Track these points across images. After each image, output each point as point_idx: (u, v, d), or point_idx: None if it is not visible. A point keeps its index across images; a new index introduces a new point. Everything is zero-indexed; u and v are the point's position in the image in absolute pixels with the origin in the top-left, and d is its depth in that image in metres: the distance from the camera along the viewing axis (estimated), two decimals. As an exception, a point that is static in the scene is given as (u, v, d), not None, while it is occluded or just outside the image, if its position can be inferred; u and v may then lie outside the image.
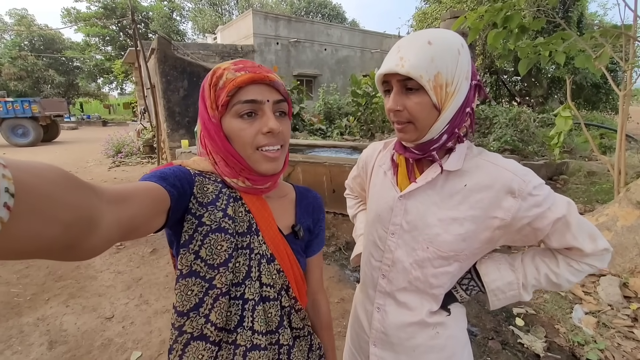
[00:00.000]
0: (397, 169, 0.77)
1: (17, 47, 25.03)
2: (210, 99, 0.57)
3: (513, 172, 0.64)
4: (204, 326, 0.57)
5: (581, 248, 0.64)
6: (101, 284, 2.69)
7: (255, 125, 0.58)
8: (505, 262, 0.73)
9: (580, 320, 2.15)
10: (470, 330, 2.13)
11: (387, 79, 0.65)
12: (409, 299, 0.75)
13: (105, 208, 0.36)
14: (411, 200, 0.72)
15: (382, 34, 18.25)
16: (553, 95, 12.51)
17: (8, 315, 2.25)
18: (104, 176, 6.41)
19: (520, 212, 0.63)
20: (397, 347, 0.78)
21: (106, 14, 25.05)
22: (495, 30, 2.96)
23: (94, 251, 0.36)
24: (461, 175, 0.68)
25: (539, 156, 5.90)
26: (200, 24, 29.27)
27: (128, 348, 1.96)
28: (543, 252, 0.72)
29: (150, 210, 0.46)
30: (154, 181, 0.50)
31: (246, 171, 0.60)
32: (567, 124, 2.78)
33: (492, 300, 0.73)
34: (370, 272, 0.82)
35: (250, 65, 0.58)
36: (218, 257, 0.56)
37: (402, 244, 0.74)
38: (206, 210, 0.57)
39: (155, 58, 5.73)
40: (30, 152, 9.44)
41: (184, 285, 0.56)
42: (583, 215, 3.35)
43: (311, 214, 0.74)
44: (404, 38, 0.65)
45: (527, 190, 0.62)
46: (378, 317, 0.80)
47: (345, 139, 7.41)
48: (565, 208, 0.63)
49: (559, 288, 0.70)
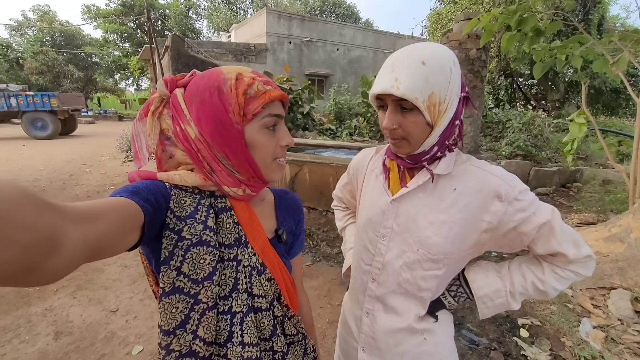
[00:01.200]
0: (389, 173, 0.78)
1: (39, 43, 25.85)
2: (237, 105, 0.55)
3: (500, 178, 0.67)
4: (192, 342, 0.55)
5: (565, 254, 0.66)
6: (108, 277, 2.75)
7: (275, 137, 0.61)
8: (493, 269, 0.76)
9: (587, 334, 2.09)
10: (472, 340, 2.09)
11: (382, 96, 0.66)
12: (398, 302, 0.76)
13: (70, 227, 0.34)
14: (403, 204, 0.73)
15: (395, 34, 18.10)
16: (570, 100, 12.19)
17: (18, 305, 2.33)
18: (117, 170, 6.55)
19: (507, 216, 0.65)
20: (385, 353, 0.78)
21: (124, 11, 25.62)
22: (509, 33, 2.90)
23: (56, 274, 0.33)
24: (451, 179, 0.71)
25: (552, 162, 5.76)
26: (215, 22, 29.61)
27: (130, 342, 2.00)
28: (529, 260, 0.74)
29: (120, 227, 0.43)
30: (125, 196, 0.47)
31: (253, 179, 0.61)
32: (581, 131, 2.69)
33: (481, 309, 0.75)
34: (360, 277, 0.83)
35: (268, 80, 0.60)
36: (202, 271, 0.55)
37: (392, 247, 0.75)
38: (185, 223, 0.55)
39: (169, 55, 5.83)
40: (48, 145, 9.72)
41: (167, 304, 0.54)
42: (595, 225, 3.25)
43: (292, 215, 0.75)
44: (396, 53, 0.66)
45: (513, 195, 0.65)
46: (367, 322, 0.80)
47: (355, 139, 7.38)
48: (550, 213, 0.66)
49: (545, 296, 0.71)
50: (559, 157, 5.80)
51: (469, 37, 5.02)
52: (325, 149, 5.67)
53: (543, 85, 12.04)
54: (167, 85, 0.58)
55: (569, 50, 2.85)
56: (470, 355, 1.94)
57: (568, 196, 5.25)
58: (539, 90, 12.88)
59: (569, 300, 2.46)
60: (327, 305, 2.42)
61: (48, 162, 7.14)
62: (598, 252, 2.70)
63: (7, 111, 10.83)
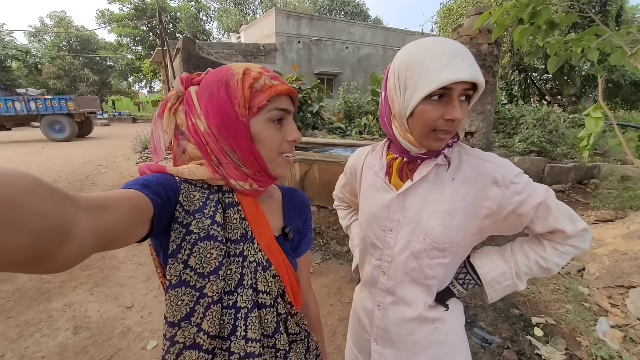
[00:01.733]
0: (390, 169, 0.78)
1: (56, 48, 26.64)
2: (243, 98, 0.56)
3: (494, 164, 0.69)
4: (196, 335, 0.56)
5: (563, 229, 0.69)
6: (123, 274, 2.82)
7: (282, 131, 0.61)
8: (497, 253, 0.78)
9: (605, 333, 2.04)
10: (484, 338, 2.07)
11: (452, 86, 0.61)
12: (407, 292, 0.78)
13: (81, 217, 0.35)
14: (408, 197, 0.75)
15: (405, 31, 17.91)
16: (587, 94, 11.83)
17: (39, 300, 2.42)
18: (131, 171, 6.70)
19: (505, 200, 0.68)
20: (398, 343, 0.80)
21: (137, 15, 26.14)
22: (521, 26, 2.83)
23: (67, 263, 0.34)
24: (450, 170, 0.72)
25: (568, 158, 5.61)
26: (225, 23, 29.90)
27: (145, 337, 2.05)
28: (530, 240, 0.77)
29: (130, 219, 0.44)
30: (136, 189, 0.48)
31: (259, 173, 0.61)
32: (598, 125, 2.58)
33: (489, 292, 0.77)
34: (370, 272, 0.84)
35: (275, 75, 0.60)
36: (208, 266, 0.55)
37: (400, 239, 0.76)
38: (193, 218, 0.56)
39: (180, 57, 5.92)
40: (66, 147, 10.01)
41: (173, 296, 0.55)
42: (613, 222, 3.15)
43: (299, 213, 0.74)
44: (450, 43, 0.63)
45: (509, 179, 0.67)
46: (379, 314, 0.82)
47: (364, 138, 7.35)
48: (544, 193, 0.68)
49: (549, 273, 0.74)
50: (575, 153, 5.64)
51: (480, 32, 4.93)
52: (334, 148, 5.66)
53: (558, 80, 11.71)
54: (182, 82, 0.61)
55: (585, 43, 2.76)
56: (483, 354, 1.92)
57: (585, 193, 5.11)
58: (554, 84, 12.54)
59: (585, 299, 2.40)
60: (337, 302, 2.43)
61: (66, 163, 7.36)
62: (616, 249, 2.63)
63: (27, 115, 11.19)
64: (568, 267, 2.83)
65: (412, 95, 0.64)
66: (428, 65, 0.62)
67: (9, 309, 2.31)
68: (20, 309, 2.31)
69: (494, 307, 2.37)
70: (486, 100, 5.23)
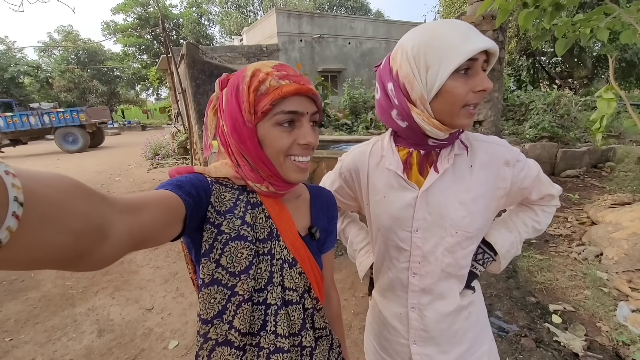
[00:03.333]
0: (409, 165, 0.75)
1: (65, 61, 27.26)
2: (248, 103, 0.56)
3: (502, 145, 0.75)
4: (228, 332, 0.57)
5: (552, 194, 0.80)
6: (142, 277, 2.91)
7: (293, 135, 0.58)
8: (502, 226, 0.85)
9: (625, 318, 2.00)
10: (501, 327, 2.06)
11: (477, 56, 0.60)
12: (444, 288, 0.76)
13: (117, 217, 0.36)
14: (431, 192, 0.72)
15: (407, 23, 17.66)
16: (600, 75, 11.49)
17: (64, 306, 2.51)
18: (143, 177, 6.84)
19: (514, 177, 0.73)
20: (439, 338, 0.79)
21: (141, 24, 26.51)
22: (526, 10, 2.77)
23: (105, 261, 0.35)
24: (465, 158, 0.73)
25: (581, 142, 5.48)
26: (227, 26, 30.07)
27: (166, 337, 2.12)
28: (521, 208, 0.86)
29: (164, 219, 0.45)
30: (169, 190, 0.49)
31: (273, 177, 0.60)
32: (610, 107, 2.51)
33: (503, 263, 0.82)
34: (396, 276, 0.80)
35: (293, 73, 0.58)
36: (239, 265, 0.57)
37: (429, 237, 0.74)
38: (224, 218, 0.57)
39: (185, 63, 5.99)
40: (80, 158, 10.28)
41: (206, 294, 0.56)
42: (631, 205, 3.08)
43: (326, 212, 0.75)
44: (455, 20, 0.64)
45: (515, 158, 0.73)
46: (414, 316, 0.79)
47: (371, 132, 7.32)
48: (536, 166, 0.77)
49: (540, 232, 0.85)
50: (589, 137, 5.50)
51: (483, 19, 4.84)
52: (342, 144, 5.66)
53: (568, 62, 11.40)
54: (220, 84, 0.63)
55: (594, 23, 2.67)
56: (500, 343, 1.91)
57: (600, 177, 4.98)
58: (564, 67, 12.22)
59: (604, 284, 2.35)
60: (351, 297, 2.45)
61: (81, 173, 7.56)
62: (635, 233, 2.57)
63: (41, 128, 11.54)
64: (585, 253, 2.78)
65: (437, 72, 0.61)
66: (450, 40, 0.60)
67: (36, 315, 2.41)
68: (47, 314, 2.41)
69: (510, 296, 2.35)
70: (493, 88, 5.14)
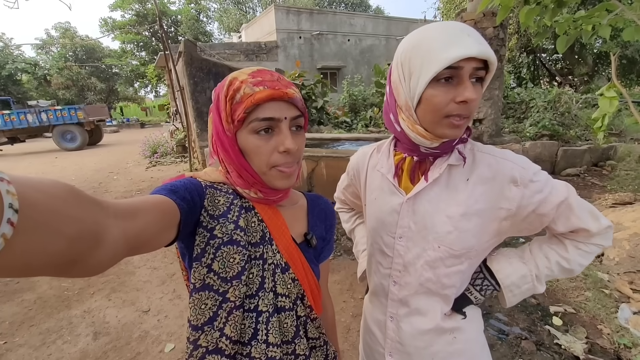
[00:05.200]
0: (400, 171, 0.73)
1: (63, 59, 27.11)
2: (225, 112, 0.56)
3: (512, 161, 0.64)
4: (218, 340, 0.56)
5: (587, 228, 0.64)
6: (139, 279, 2.88)
7: (272, 142, 0.57)
8: (515, 255, 0.73)
9: (627, 320, 1.98)
10: (501, 330, 2.03)
11: (461, 64, 0.56)
12: (421, 303, 0.73)
13: (112, 223, 0.36)
14: (418, 201, 0.69)
15: (407, 20, 17.59)
16: (600, 73, 11.44)
17: (59, 308, 2.48)
18: (142, 176, 6.80)
19: (525, 200, 0.62)
20: (414, 356, 0.75)
21: (139, 20, 26.35)
22: (527, 6, 2.73)
23: (100, 266, 0.35)
24: (463, 170, 0.67)
25: (582, 141, 5.45)
26: (225, 23, 29.90)
27: (162, 340, 2.09)
28: (549, 240, 0.72)
29: (158, 224, 0.45)
30: (164, 194, 0.49)
31: (258, 184, 0.60)
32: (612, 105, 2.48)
33: (508, 297, 0.72)
34: (379, 281, 0.79)
35: (269, 78, 0.56)
36: (231, 270, 0.56)
37: (411, 246, 0.71)
38: (217, 222, 0.56)
39: (183, 61, 5.93)
40: (78, 156, 10.24)
41: (197, 299, 0.56)
42: (632, 205, 3.05)
43: (324, 220, 0.73)
44: (457, 23, 0.59)
45: (527, 177, 0.62)
46: (392, 326, 0.77)
47: (370, 130, 7.28)
48: (566, 190, 0.64)
49: (571, 274, 0.70)
50: (590, 135, 5.47)
51: (484, 16, 4.80)
52: (341, 143, 5.63)
53: (569, 60, 11.35)
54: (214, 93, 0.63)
55: (596, 20, 2.64)
56: (500, 346, 1.89)
57: (601, 175, 4.96)
58: (565, 64, 12.16)
59: (605, 286, 2.33)
60: (350, 299, 2.43)
61: (79, 172, 7.53)
62: (636, 233, 2.54)
63: (39, 126, 11.49)
64: (586, 253, 2.76)
65: (418, 80, 0.59)
66: (432, 46, 0.57)
67: (31, 317, 2.38)
68: (42, 317, 2.38)
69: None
70: (493, 86, 5.10)
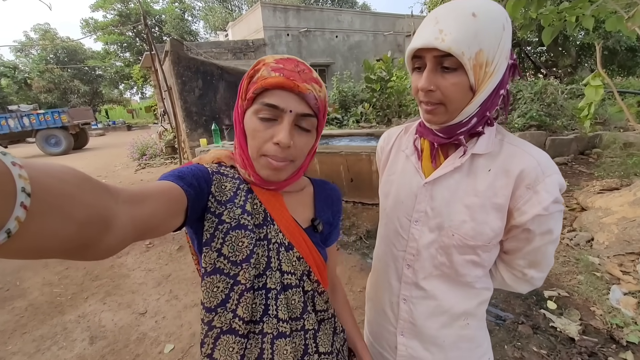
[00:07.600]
0: (422, 153, 0.72)
1: (43, 61, 26.32)
2: (241, 88, 0.58)
3: (537, 160, 0.61)
4: (232, 321, 0.58)
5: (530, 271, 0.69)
6: (134, 281, 2.83)
7: (269, 131, 0.56)
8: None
9: (618, 301, 2.04)
10: (498, 315, 2.07)
11: (420, 54, 0.58)
12: (437, 287, 0.72)
13: (121, 208, 0.37)
14: (437, 186, 0.68)
15: (394, 15, 17.63)
16: (583, 64, 11.70)
17: (52, 314, 2.43)
18: (131, 179, 6.68)
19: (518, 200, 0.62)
20: (426, 336, 0.76)
21: (121, 20, 25.75)
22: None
23: (109, 250, 0.36)
24: (487, 159, 0.64)
25: (568, 130, 5.57)
26: (211, 22, 29.48)
27: (161, 341, 2.06)
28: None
29: (166, 210, 0.46)
30: (171, 181, 0.50)
31: (251, 168, 0.61)
32: (598, 94, 2.56)
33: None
34: (392, 263, 0.78)
35: (291, 68, 0.55)
36: (240, 254, 0.57)
37: (426, 231, 0.70)
38: (225, 208, 0.58)
39: (170, 60, 5.83)
40: (64, 161, 9.98)
41: (209, 283, 0.57)
42: (619, 190, 3.14)
43: (330, 206, 0.74)
44: (441, 7, 0.57)
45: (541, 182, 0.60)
46: (405, 308, 0.77)
47: (362, 126, 7.31)
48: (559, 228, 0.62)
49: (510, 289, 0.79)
50: (576, 124, 5.59)
51: (471, 9, 4.84)
52: (333, 139, 5.63)
53: (553, 52, 11.58)
54: None
55: (579, 11, 2.69)
56: (498, 331, 1.93)
57: (588, 163, 5.08)
58: (549, 57, 12.40)
59: (597, 269, 2.40)
60: (349, 292, 2.44)
61: (65, 176, 7.34)
62: (624, 217, 2.61)
63: (21, 131, 11.14)
64: (577, 239, 2.82)
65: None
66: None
67: (23, 324, 2.32)
68: (34, 323, 2.32)
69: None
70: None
